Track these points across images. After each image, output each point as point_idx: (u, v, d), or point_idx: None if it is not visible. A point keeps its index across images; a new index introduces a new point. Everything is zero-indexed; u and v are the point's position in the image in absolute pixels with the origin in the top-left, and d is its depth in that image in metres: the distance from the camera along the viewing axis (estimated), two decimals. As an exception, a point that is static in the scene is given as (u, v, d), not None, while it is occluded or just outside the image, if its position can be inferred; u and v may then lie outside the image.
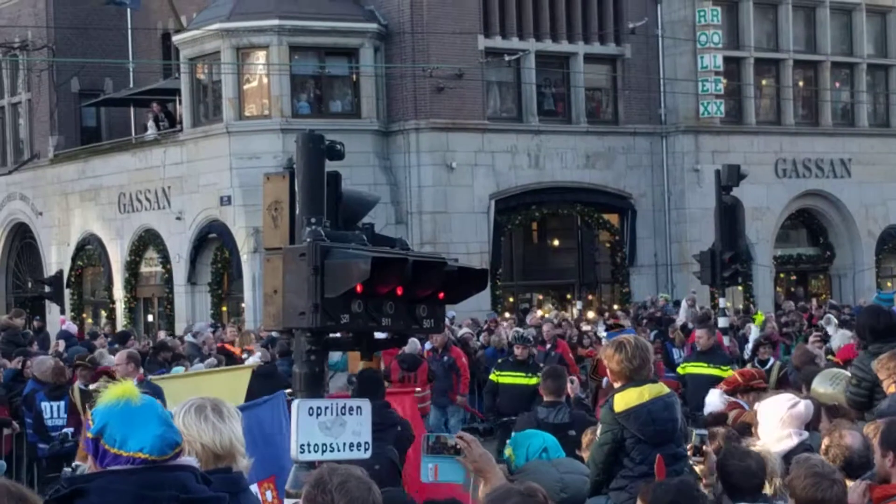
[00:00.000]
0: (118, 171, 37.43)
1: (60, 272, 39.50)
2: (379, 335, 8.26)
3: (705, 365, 18.10)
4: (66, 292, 39.56)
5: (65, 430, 16.59)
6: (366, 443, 8.01)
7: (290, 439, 7.92)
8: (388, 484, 10.57)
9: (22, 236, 42.56)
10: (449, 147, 34.46)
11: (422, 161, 34.19)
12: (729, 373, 15.78)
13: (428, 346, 23.10)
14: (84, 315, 39.29)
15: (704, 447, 6.79)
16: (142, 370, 15.18)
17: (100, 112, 42.11)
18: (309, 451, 7.86)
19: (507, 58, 35.06)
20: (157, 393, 13.39)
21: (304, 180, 8.07)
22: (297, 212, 8.08)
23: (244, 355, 21.81)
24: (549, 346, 24.33)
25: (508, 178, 35.26)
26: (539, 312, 33.63)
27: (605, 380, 17.41)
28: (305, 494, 5.26)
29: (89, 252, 38.93)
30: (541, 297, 37.69)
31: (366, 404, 8.12)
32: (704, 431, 7.05)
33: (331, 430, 7.88)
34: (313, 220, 7.88)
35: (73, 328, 29.78)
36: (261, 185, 26.64)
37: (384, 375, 18.76)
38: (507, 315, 33.86)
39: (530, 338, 21.55)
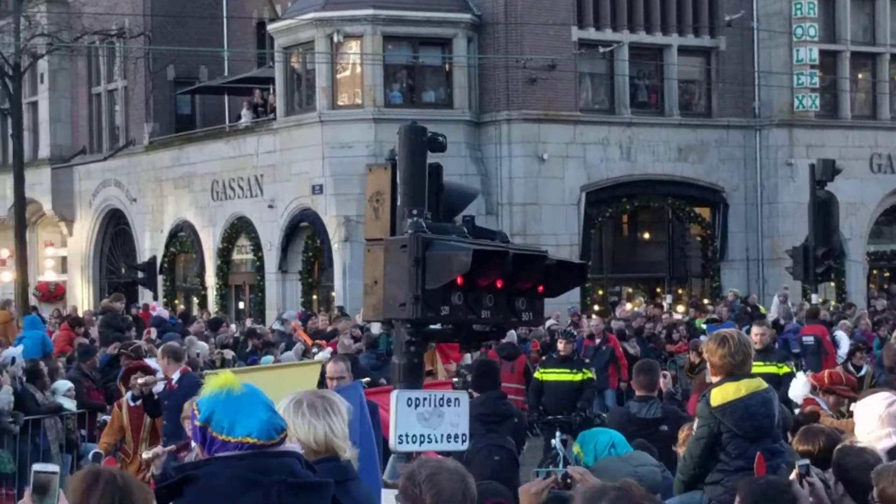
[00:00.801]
0: (212, 159, 37.75)
1: (154, 258, 39.90)
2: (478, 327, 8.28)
3: (762, 364, 17.52)
4: (159, 278, 39.97)
5: None
6: (463, 434, 8.03)
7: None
8: (509, 474, 10.58)
9: (116, 222, 43.04)
10: (540, 138, 34.38)
11: (513, 152, 34.14)
12: (786, 370, 15.54)
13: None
14: (176, 301, 39.67)
15: (807, 478, 6.70)
16: (184, 365, 14.86)
17: (194, 100, 42.50)
18: (407, 442, 7.90)
19: (601, 49, 34.92)
20: (194, 387, 12.85)
21: (406, 172, 8.10)
22: (399, 203, 8.12)
23: (314, 349, 21.51)
24: (598, 340, 24.18)
25: (600, 171, 35.12)
26: (628, 306, 33.53)
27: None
28: (400, 486, 5.30)
29: (182, 239, 39.31)
30: (630, 290, 37.52)
31: (463, 396, 8.16)
32: (806, 461, 6.94)
33: (429, 421, 7.91)
34: (415, 211, 7.91)
35: (165, 314, 30.06)
36: (353, 175, 27.11)
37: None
38: (595, 308, 33.80)
39: (573, 333, 20.92)
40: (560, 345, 18.91)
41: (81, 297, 42.50)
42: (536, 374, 19.08)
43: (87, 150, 43.32)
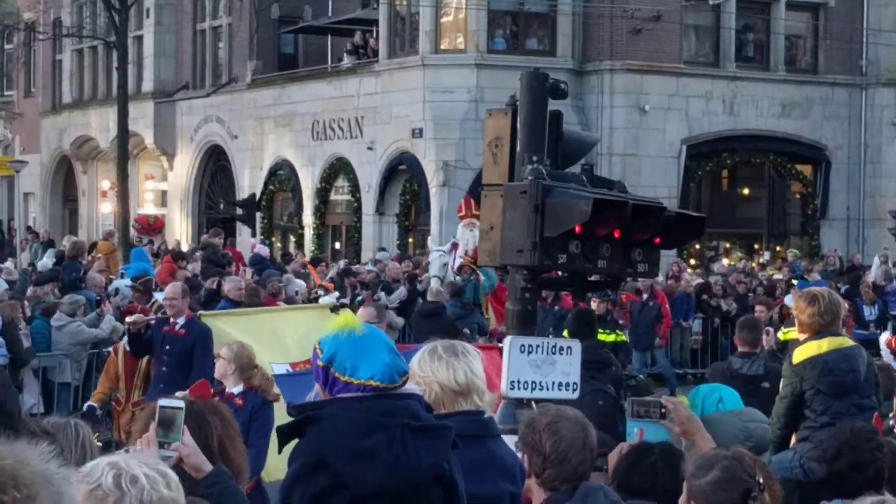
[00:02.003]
0: (313, 99, 37.85)
1: (253, 195, 40.19)
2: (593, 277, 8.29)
3: None
4: (258, 216, 40.27)
5: None
6: (574, 383, 8.05)
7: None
8: (612, 419, 10.62)
9: (216, 158, 43.36)
10: (643, 90, 34.14)
11: (615, 102, 33.94)
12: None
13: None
14: (273, 239, 39.94)
15: None
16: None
17: (297, 39, 42.61)
18: (518, 388, 7.94)
19: (709, 1, 34.53)
20: (205, 332, 12.96)
21: (527, 118, 8.09)
22: (518, 149, 8.11)
23: (319, 291, 21.01)
24: (645, 296, 23.56)
25: (701, 124, 34.83)
26: (725, 261, 33.33)
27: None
28: (520, 433, 5.32)
29: (281, 177, 39.53)
30: (728, 245, 37.24)
31: (576, 345, 8.17)
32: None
33: (541, 368, 7.94)
34: (534, 158, 7.91)
35: (265, 251, 30.26)
36: (453, 120, 26.99)
37: None
38: (692, 262, 33.63)
39: (607, 291, 19.81)
40: (593, 304, 17.79)
41: (180, 232, 42.96)
42: (565, 333, 18.57)
43: (189, 85, 43.62)
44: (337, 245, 38.26)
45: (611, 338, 17.98)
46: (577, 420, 5.29)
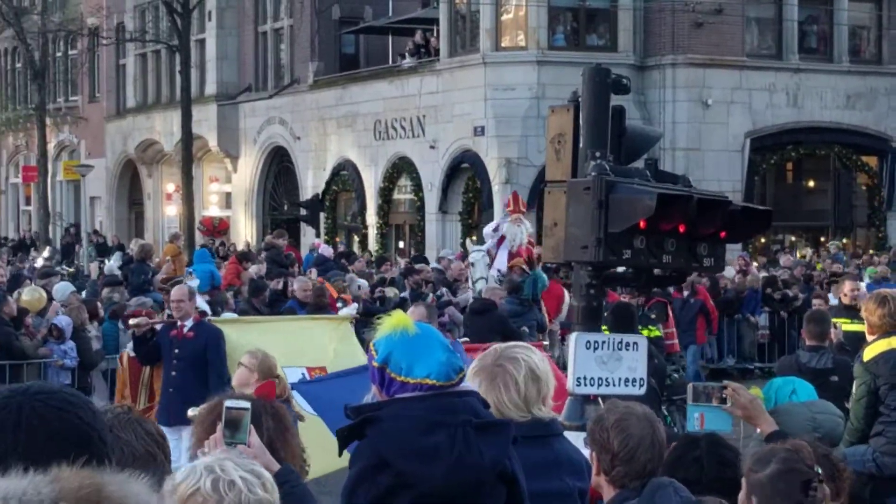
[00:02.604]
0: (375, 99, 37.96)
1: (316, 195, 40.35)
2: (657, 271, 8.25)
3: (848, 321, 15.33)
4: (321, 216, 40.44)
5: None
6: (641, 379, 8.02)
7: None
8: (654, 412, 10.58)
9: (280, 159, 43.57)
10: (705, 83, 33.98)
11: (677, 97, 33.81)
12: None
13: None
14: (337, 239, 40.07)
15: None
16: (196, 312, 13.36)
17: (359, 39, 42.76)
18: (585, 385, 7.92)
19: (771, -7, 34.39)
20: (216, 333, 12.56)
21: (589, 114, 8.07)
22: (581, 145, 8.09)
23: (339, 304, 20.14)
24: (686, 293, 22.74)
25: (765, 117, 34.63)
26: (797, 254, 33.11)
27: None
28: (588, 430, 5.30)
29: (344, 177, 39.67)
30: (793, 238, 37.00)
31: (642, 340, 8.14)
32: None
33: (607, 364, 7.91)
34: (598, 153, 7.89)
35: (329, 251, 30.37)
36: (515, 117, 26.88)
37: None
38: (758, 257, 33.40)
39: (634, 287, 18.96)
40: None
41: (245, 233, 43.22)
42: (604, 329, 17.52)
43: (252, 87, 43.88)
44: (401, 244, 38.34)
45: (644, 332, 17.53)
46: (645, 417, 5.26)
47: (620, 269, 8.17)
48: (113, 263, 27.84)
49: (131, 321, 13.22)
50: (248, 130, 43.85)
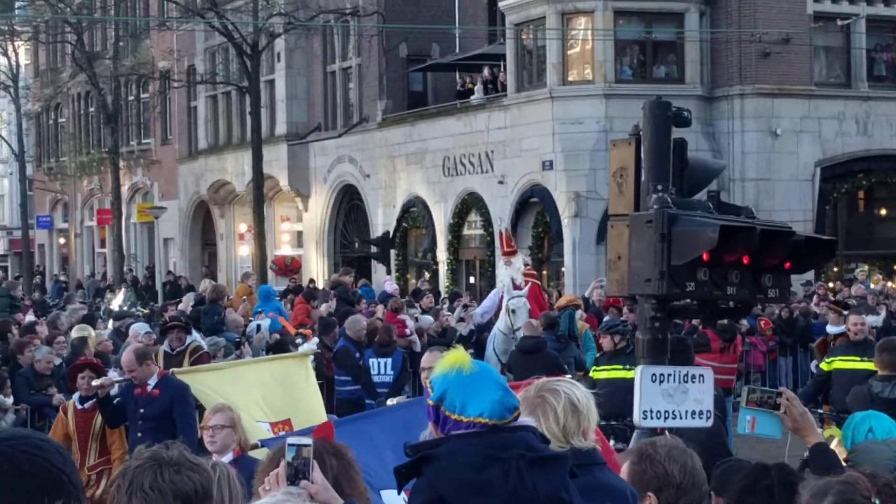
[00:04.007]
0: (443, 135, 38.12)
1: (387, 233, 40.51)
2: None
3: (858, 359, 15.11)
4: (392, 253, 40.60)
5: None
6: (707, 411, 8.02)
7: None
8: (716, 441, 10.52)
9: (350, 198, 43.80)
10: (774, 113, 33.86)
11: (746, 127, 33.70)
12: None
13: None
14: (408, 276, 40.24)
15: None
16: (159, 367, 12.84)
17: (426, 77, 43.00)
18: (651, 418, 7.92)
19: (838, 22, 34.17)
20: (182, 388, 12.01)
21: (651, 147, 8.10)
22: (643, 178, 8.13)
23: (298, 339, 20.05)
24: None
25: (835, 146, 34.43)
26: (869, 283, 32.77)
27: None
28: (635, 473, 5.24)
29: (414, 214, 39.81)
30: (866, 266, 36.66)
31: (708, 373, 8.14)
32: None
33: (673, 397, 7.92)
34: (659, 186, 7.92)
35: (395, 288, 30.47)
36: (583, 151, 26.85)
37: (704, 343, 18.42)
38: (830, 285, 33.12)
39: (619, 323, 16.75)
40: (603, 341, 15.93)
41: (316, 271, 43.42)
42: (591, 373, 16.01)
43: (321, 126, 44.19)
44: (471, 280, 38.38)
45: (632, 374, 15.59)
46: (678, 446, 5.29)
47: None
48: (187, 304, 28.09)
49: (94, 382, 12.25)
50: (318, 169, 44.14)
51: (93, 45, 53.58)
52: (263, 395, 11.85)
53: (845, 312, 17.72)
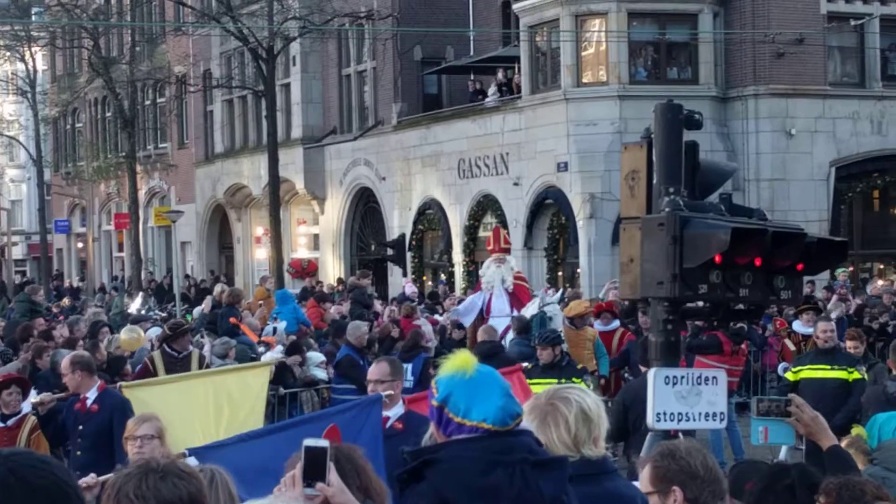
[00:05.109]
0: (458, 138, 38.19)
1: (402, 236, 40.58)
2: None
3: (828, 367, 14.49)
4: (408, 255, 40.66)
5: None
6: (721, 413, 8.05)
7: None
8: None
9: (366, 201, 43.89)
10: (788, 113, 33.86)
11: (760, 127, 33.70)
12: (856, 376, 14.13)
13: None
14: (424, 278, 40.30)
15: None
16: (99, 380, 11.89)
17: (441, 79, 43.07)
18: (664, 420, 7.95)
19: (852, 22, 34.16)
20: (122, 403, 11.37)
21: (662, 150, 8.14)
22: (655, 181, 8.17)
23: (261, 348, 19.58)
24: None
25: (850, 145, 34.41)
26: (879, 282, 32.73)
27: None
28: (657, 472, 5.24)
29: (429, 216, 39.88)
30: (881, 266, 36.63)
31: (721, 375, 8.18)
32: None
33: (686, 399, 7.95)
34: (671, 189, 7.96)
35: (413, 290, 30.56)
36: (597, 152, 26.90)
37: (715, 344, 18.35)
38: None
39: (552, 334, 16.39)
40: (539, 352, 15.63)
41: (333, 274, 43.50)
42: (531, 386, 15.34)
43: (337, 130, 44.29)
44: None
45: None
46: (695, 445, 5.34)
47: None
48: (202, 308, 28.18)
49: (33, 399, 11.71)
50: (334, 172, 44.23)
51: (109, 51, 53.79)
52: (215, 410, 11.53)
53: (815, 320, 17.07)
